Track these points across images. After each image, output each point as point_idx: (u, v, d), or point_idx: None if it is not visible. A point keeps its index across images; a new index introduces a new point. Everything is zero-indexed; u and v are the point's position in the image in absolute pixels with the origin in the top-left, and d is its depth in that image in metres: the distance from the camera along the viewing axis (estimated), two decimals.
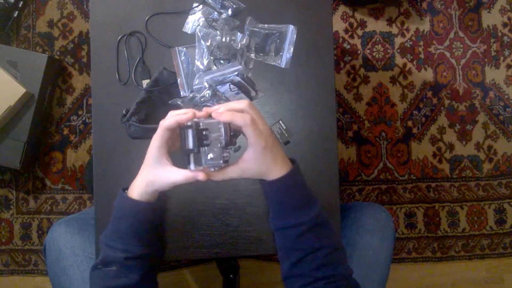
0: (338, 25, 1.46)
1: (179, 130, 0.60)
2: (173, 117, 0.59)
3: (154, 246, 0.68)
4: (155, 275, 0.70)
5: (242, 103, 0.60)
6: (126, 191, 0.66)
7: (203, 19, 0.81)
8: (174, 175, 0.60)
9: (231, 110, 0.59)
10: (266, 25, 0.81)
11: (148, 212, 0.65)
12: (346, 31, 1.46)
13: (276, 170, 0.62)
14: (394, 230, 0.89)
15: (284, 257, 0.65)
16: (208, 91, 0.76)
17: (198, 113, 0.60)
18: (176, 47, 0.80)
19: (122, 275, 0.63)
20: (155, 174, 0.62)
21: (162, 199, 0.68)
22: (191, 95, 0.78)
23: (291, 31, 0.80)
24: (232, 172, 0.61)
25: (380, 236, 0.86)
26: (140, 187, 0.63)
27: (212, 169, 0.60)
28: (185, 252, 0.80)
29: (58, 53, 1.40)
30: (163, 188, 0.62)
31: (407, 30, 1.46)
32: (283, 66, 0.81)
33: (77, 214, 0.98)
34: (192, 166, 0.58)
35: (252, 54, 0.81)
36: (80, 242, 0.83)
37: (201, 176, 0.59)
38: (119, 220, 0.65)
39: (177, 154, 0.64)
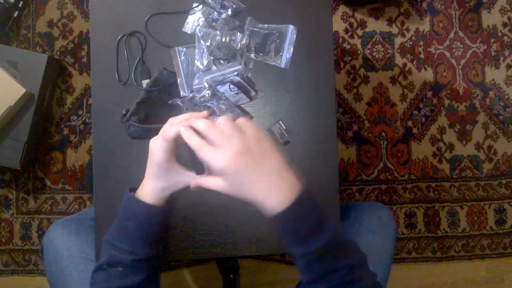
0: (338, 25, 1.46)
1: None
2: (175, 127, 0.58)
3: (160, 249, 0.68)
4: (158, 277, 0.70)
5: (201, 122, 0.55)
6: (133, 192, 0.66)
7: (203, 19, 0.81)
8: (187, 179, 0.62)
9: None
10: (266, 25, 0.81)
11: (160, 215, 0.65)
12: (346, 31, 1.46)
13: (273, 199, 0.53)
14: (396, 229, 0.89)
15: (300, 272, 0.59)
16: (208, 91, 0.76)
17: (197, 116, 0.59)
18: (176, 47, 0.80)
19: (126, 276, 0.63)
20: (169, 180, 0.63)
21: (171, 201, 0.68)
22: (191, 95, 0.78)
23: (291, 31, 0.80)
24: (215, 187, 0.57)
25: (382, 235, 0.86)
26: (153, 193, 0.63)
27: None
28: (185, 252, 0.80)
29: (58, 53, 1.40)
30: (178, 190, 0.64)
31: (407, 30, 1.46)
32: (283, 66, 0.81)
33: (75, 215, 0.98)
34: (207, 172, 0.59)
35: (252, 54, 0.81)
36: (77, 243, 0.83)
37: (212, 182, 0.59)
38: (127, 221, 0.64)
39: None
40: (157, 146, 0.60)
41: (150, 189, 0.64)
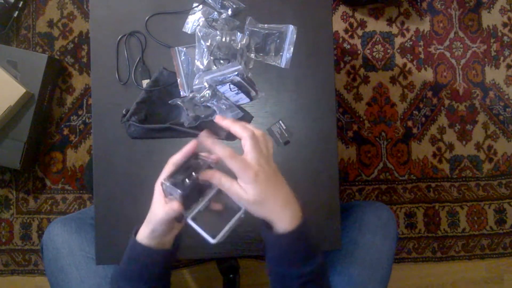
0: (338, 25, 1.46)
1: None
2: (179, 153, 0.60)
3: (162, 286, 0.67)
4: None
5: (246, 131, 0.57)
6: (138, 230, 0.64)
7: (203, 19, 0.81)
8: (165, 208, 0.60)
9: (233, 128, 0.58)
10: (266, 25, 0.81)
11: (162, 259, 0.63)
12: (346, 31, 1.46)
13: (285, 217, 0.57)
14: (396, 228, 0.89)
15: None
16: (208, 91, 0.76)
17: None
18: (176, 47, 0.80)
19: None
20: (174, 222, 0.61)
21: (177, 242, 0.66)
22: (191, 95, 0.78)
23: (291, 31, 0.80)
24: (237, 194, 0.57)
25: (382, 235, 0.86)
26: (157, 236, 0.61)
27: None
28: (185, 252, 0.80)
29: (58, 53, 1.40)
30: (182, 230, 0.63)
31: (407, 30, 1.46)
32: (283, 66, 0.81)
33: (74, 213, 0.98)
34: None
35: (252, 54, 0.81)
36: (77, 241, 0.83)
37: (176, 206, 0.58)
38: (130, 261, 0.63)
39: None
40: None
41: (151, 229, 0.61)
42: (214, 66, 0.78)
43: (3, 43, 1.37)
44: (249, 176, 0.55)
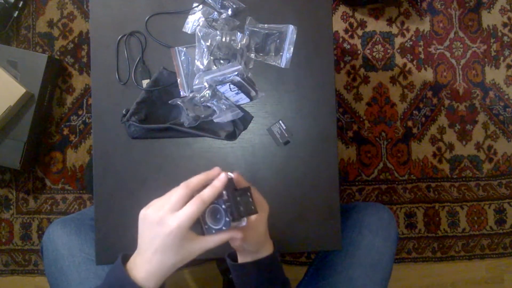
0: (338, 25, 1.46)
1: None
2: (213, 188, 0.55)
3: None
4: None
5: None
6: (125, 264, 0.55)
7: (203, 19, 0.81)
8: (207, 243, 0.57)
9: None
10: (266, 25, 0.81)
11: None
12: (346, 31, 1.46)
13: (268, 246, 0.67)
14: (397, 230, 0.89)
15: None
16: (208, 91, 0.76)
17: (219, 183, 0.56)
18: (176, 47, 0.80)
19: None
20: (180, 252, 0.54)
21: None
22: (191, 95, 0.78)
23: (291, 31, 0.80)
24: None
25: (383, 237, 0.86)
26: (159, 272, 0.54)
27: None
28: None
29: (58, 53, 1.40)
30: (185, 263, 0.56)
31: (407, 30, 1.46)
32: (283, 66, 0.81)
33: (74, 214, 0.98)
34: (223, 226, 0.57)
35: (252, 54, 0.81)
36: (77, 242, 0.83)
37: (239, 234, 0.59)
38: None
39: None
40: (186, 212, 0.52)
41: (156, 268, 0.53)
42: (214, 66, 0.78)
43: (3, 43, 1.37)
44: (262, 247, 0.66)
